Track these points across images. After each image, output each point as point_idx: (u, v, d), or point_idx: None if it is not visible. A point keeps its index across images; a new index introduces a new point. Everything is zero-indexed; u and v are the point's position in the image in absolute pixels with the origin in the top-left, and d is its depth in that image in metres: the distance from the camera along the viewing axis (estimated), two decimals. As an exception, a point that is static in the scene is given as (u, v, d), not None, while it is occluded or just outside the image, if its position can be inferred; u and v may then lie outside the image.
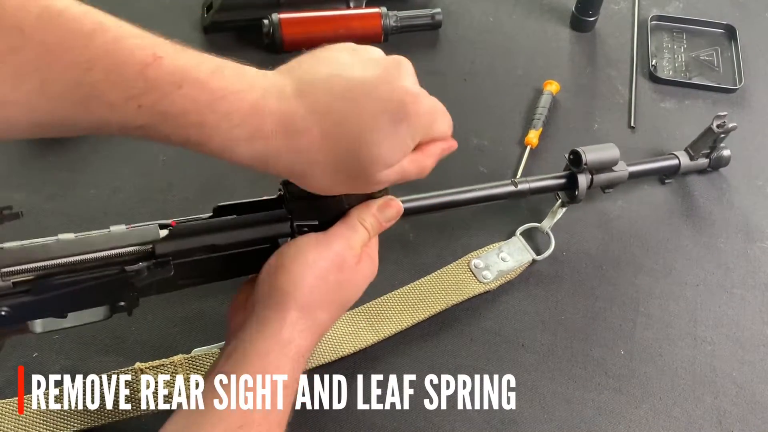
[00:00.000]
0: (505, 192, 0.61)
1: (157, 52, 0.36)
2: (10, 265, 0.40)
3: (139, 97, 0.36)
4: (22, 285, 0.40)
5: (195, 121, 0.37)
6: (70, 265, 0.41)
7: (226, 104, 0.38)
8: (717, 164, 0.73)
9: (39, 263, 0.40)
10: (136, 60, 0.36)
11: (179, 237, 0.44)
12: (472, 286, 0.62)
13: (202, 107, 0.37)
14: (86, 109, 0.36)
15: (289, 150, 0.40)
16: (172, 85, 0.36)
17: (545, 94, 0.79)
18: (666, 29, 0.90)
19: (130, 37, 0.36)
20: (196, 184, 0.70)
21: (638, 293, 0.64)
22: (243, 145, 0.39)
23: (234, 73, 0.39)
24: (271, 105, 0.39)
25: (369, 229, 0.48)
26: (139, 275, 0.42)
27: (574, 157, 0.63)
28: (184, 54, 0.38)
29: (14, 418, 0.51)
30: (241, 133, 0.39)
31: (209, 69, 0.38)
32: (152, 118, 0.37)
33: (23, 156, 0.71)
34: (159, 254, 0.43)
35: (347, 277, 0.46)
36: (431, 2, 0.90)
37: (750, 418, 0.57)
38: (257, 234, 0.47)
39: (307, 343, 0.44)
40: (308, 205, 0.47)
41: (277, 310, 0.43)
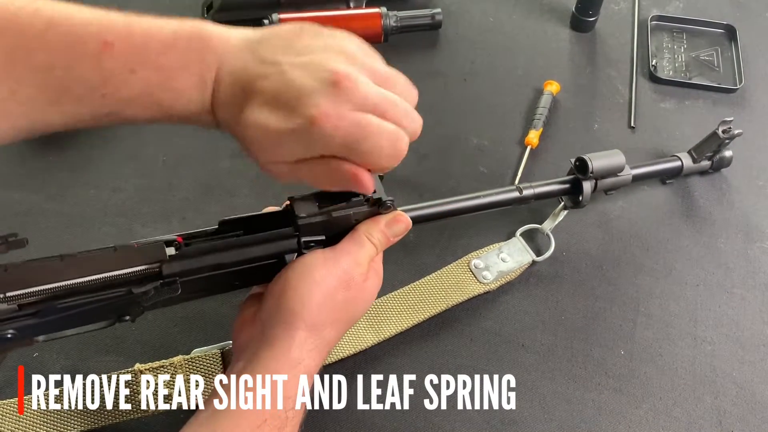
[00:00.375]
0: (509, 198, 0.61)
1: (107, 38, 0.37)
2: (16, 288, 0.39)
3: (100, 88, 0.37)
4: (28, 308, 0.40)
5: (153, 101, 0.38)
6: (77, 287, 0.41)
7: (177, 83, 0.39)
8: (719, 165, 0.73)
9: (44, 286, 0.40)
10: (89, 51, 0.36)
11: (186, 257, 0.44)
12: (472, 286, 0.62)
13: (155, 88, 0.38)
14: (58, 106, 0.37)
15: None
16: (126, 71, 0.37)
17: (545, 94, 0.79)
18: (666, 29, 0.90)
19: (81, 25, 0.37)
20: (196, 184, 0.70)
21: (638, 293, 0.64)
22: (204, 117, 0.40)
23: (186, 47, 0.39)
24: (220, 79, 0.39)
25: (377, 244, 0.48)
26: (146, 295, 0.42)
27: (580, 164, 0.62)
28: (135, 32, 0.38)
29: (14, 419, 0.51)
30: (193, 106, 0.40)
31: (159, 47, 0.38)
32: (117, 105, 0.38)
33: (23, 156, 0.71)
34: (166, 275, 0.43)
35: (354, 294, 0.46)
36: (431, 2, 0.90)
37: (750, 418, 0.57)
38: (264, 251, 0.46)
39: (315, 363, 0.44)
40: (315, 222, 0.47)
41: (286, 329, 0.43)
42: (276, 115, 0.38)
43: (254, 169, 0.71)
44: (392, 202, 0.48)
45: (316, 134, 0.38)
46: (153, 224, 0.66)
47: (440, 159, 0.74)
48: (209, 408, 0.41)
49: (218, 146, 0.73)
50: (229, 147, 0.73)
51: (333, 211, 0.47)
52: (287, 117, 0.38)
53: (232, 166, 0.71)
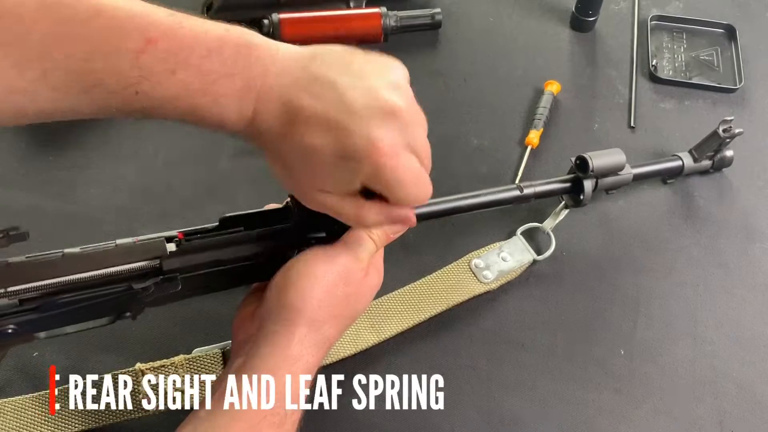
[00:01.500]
0: (510, 197, 0.61)
1: (151, 34, 0.36)
2: (17, 283, 0.39)
3: (135, 85, 0.36)
4: (29, 303, 0.40)
5: (188, 105, 0.37)
6: (77, 282, 0.41)
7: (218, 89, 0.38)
8: (720, 165, 0.73)
9: (46, 281, 0.40)
10: (130, 47, 0.35)
11: (187, 253, 0.44)
12: (472, 286, 0.62)
13: (193, 92, 0.37)
14: (89, 97, 0.36)
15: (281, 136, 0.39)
16: (166, 71, 0.36)
17: (546, 94, 0.79)
18: (666, 29, 0.90)
19: (125, 18, 0.36)
20: (196, 184, 0.70)
21: (638, 293, 0.64)
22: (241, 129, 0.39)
23: (233, 53, 0.38)
24: (265, 91, 0.38)
25: (376, 240, 0.48)
26: (146, 291, 0.42)
27: (580, 162, 0.62)
28: (180, 32, 0.37)
29: (15, 418, 0.52)
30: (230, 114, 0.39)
31: (204, 51, 0.37)
32: (150, 102, 0.37)
33: (23, 156, 0.71)
34: (166, 270, 0.43)
35: (354, 290, 0.46)
36: (431, 2, 0.90)
37: (750, 418, 0.57)
38: (265, 248, 0.46)
39: (315, 359, 0.44)
40: (315, 217, 0.47)
41: (286, 326, 0.43)
42: (329, 136, 0.37)
43: (254, 169, 0.71)
44: None
45: (370, 164, 0.37)
46: (153, 224, 0.66)
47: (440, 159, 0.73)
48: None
49: (218, 146, 0.73)
50: (229, 147, 0.73)
51: None
52: (342, 140, 0.37)
53: (232, 166, 0.71)
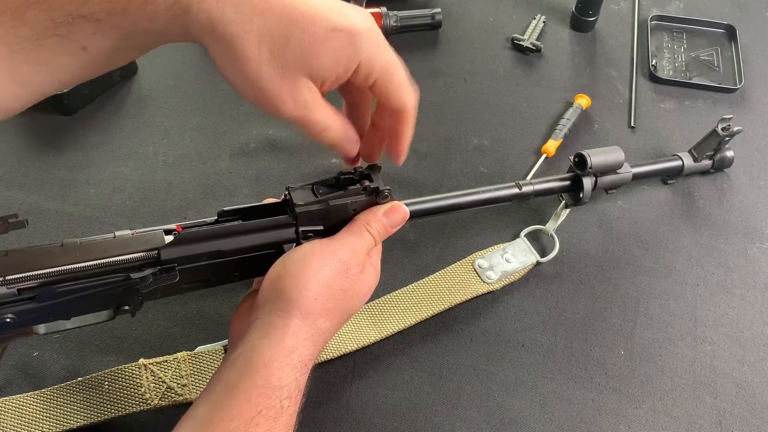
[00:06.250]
0: (509, 194, 0.61)
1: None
2: (15, 271, 0.39)
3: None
4: (27, 292, 0.40)
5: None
6: (75, 271, 0.41)
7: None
8: (720, 165, 0.73)
9: (44, 270, 0.40)
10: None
11: (184, 243, 0.44)
12: (475, 285, 0.62)
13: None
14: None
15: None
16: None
17: (574, 107, 0.78)
18: (666, 29, 0.90)
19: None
20: (196, 183, 0.70)
21: (638, 293, 0.64)
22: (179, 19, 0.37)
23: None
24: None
25: (375, 235, 0.48)
26: (144, 281, 0.42)
27: (579, 160, 0.62)
28: None
29: (16, 415, 0.52)
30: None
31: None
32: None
33: (23, 156, 0.72)
34: (164, 260, 0.43)
35: (351, 284, 0.46)
36: (431, 2, 0.90)
37: (750, 418, 0.57)
38: (262, 240, 0.46)
39: (309, 352, 0.44)
40: (313, 210, 0.47)
41: (281, 317, 0.43)
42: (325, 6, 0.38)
43: (254, 169, 0.71)
44: (389, 192, 0.49)
45: (369, 39, 0.39)
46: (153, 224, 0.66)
47: (440, 159, 0.74)
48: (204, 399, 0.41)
49: (218, 146, 0.73)
50: (229, 147, 0.73)
51: (330, 199, 0.47)
52: (336, 14, 0.38)
53: (232, 166, 0.71)
